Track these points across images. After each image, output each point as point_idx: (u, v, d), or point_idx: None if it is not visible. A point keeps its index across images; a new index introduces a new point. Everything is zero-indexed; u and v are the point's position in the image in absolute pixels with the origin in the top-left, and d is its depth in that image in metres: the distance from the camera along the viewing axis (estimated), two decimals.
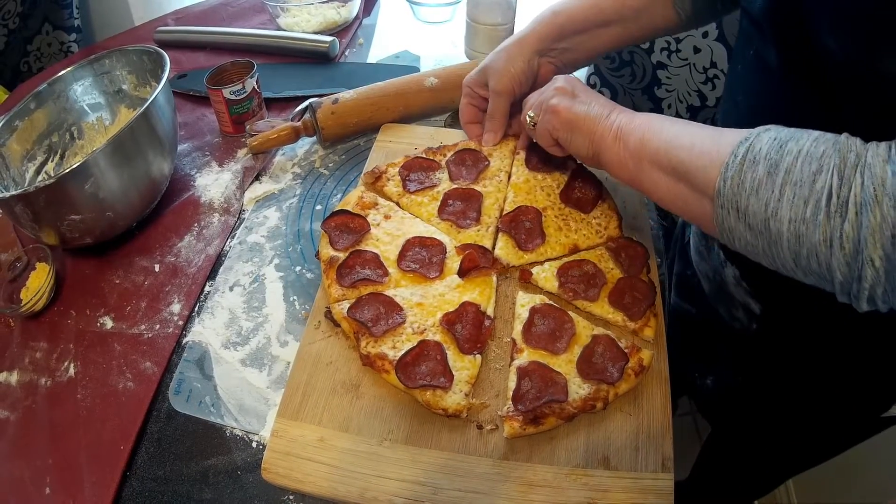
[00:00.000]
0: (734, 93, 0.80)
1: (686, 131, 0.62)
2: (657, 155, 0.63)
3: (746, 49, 0.74)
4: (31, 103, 0.93)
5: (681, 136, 0.61)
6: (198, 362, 0.76)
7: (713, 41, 1.34)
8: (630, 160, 0.67)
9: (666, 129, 0.64)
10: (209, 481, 0.66)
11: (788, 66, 0.65)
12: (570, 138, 0.74)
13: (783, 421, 0.98)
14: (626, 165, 0.68)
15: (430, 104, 1.07)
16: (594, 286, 0.76)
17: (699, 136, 0.59)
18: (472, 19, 1.20)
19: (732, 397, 1.06)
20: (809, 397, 0.88)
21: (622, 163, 0.68)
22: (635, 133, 0.66)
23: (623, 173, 0.69)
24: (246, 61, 1.08)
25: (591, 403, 0.66)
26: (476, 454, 0.64)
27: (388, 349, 0.69)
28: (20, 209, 0.78)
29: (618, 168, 0.69)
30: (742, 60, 0.77)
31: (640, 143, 0.65)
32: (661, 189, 0.64)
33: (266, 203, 0.96)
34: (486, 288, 0.76)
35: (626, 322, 0.73)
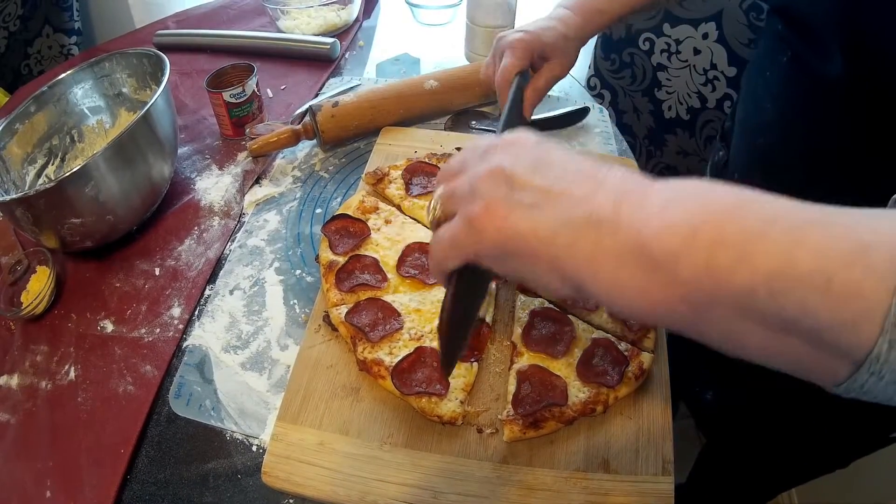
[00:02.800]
0: (760, 98, 0.77)
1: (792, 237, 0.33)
2: (748, 296, 0.33)
3: (779, 55, 0.71)
4: (31, 106, 0.94)
5: (789, 256, 0.33)
6: (198, 366, 0.76)
7: (713, 42, 1.34)
8: (673, 299, 0.36)
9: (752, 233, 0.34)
10: (209, 485, 0.66)
11: (854, 80, 0.61)
12: (506, 267, 0.43)
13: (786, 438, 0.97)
14: (666, 305, 0.37)
15: (431, 107, 1.07)
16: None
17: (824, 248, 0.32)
18: (471, 21, 1.20)
19: (733, 413, 1.05)
20: (815, 416, 0.87)
21: (653, 299, 0.37)
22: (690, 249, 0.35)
23: (653, 313, 0.38)
24: (246, 64, 1.08)
25: (590, 407, 0.66)
26: (476, 458, 0.64)
27: (384, 355, 0.69)
28: (21, 212, 0.78)
29: (639, 304, 0.38)
30: (773, 67, 0.73)
31: (704, 270, 0.34)
32: (748, 344, 0.36)
33: (266, 206, 0.96)
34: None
35: (624, 332, 0.73)
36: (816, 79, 0.64)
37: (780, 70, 0.72)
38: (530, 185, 0.40)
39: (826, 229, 0.33)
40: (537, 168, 0.41)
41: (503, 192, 0.41)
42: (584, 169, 0.41)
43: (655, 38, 1.44)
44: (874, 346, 0.31)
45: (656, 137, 1.59)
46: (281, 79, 1.24)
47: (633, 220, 0.37)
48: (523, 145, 0.44)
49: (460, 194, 0.44)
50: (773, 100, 0.74)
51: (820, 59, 0.64)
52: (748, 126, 0.91)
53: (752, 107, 0.82)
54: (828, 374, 0.35)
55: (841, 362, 0.33)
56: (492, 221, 0.40)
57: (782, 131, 0.78)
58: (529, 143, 0.44)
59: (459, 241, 0.43)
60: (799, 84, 0.69)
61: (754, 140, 0.90)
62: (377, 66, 1.29)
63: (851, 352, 0.32)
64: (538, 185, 0.40)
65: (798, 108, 0.70)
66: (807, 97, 0.69)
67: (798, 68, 0.68)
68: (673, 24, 1.40)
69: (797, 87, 0.70)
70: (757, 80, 0.82)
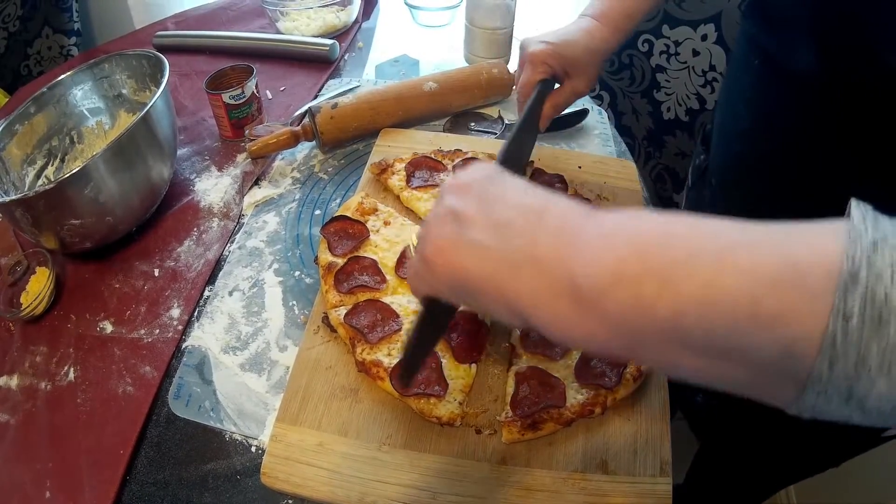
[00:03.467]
0: (735, 103, 0.77)
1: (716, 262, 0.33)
2: (676, 325, 0.34)
3: (751, 59, 0.72)
4: (30, 107, 0.94)
5: (712, 281, 0.33)
6: (197, 367, 0.76)
7: (712, 44, 1.35)
8: (605, 331, 0.37)
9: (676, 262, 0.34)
10: (209, 486, 0.66)
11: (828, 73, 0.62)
12: (467, 302, 0.46)
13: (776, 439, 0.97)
14: (601, 338, 0.38)
15: (430, 108, 1.08)
16: None
17: (750, 271, 0.32)
18: (471, 23, 1.21)
19: (723, 415, 1.05)
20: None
21: (587, 332, 0.38)
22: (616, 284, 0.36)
23: (590, 345, 0.39)
24: (245, 66, 1.08)
25: (589, 409, 0.66)
26: (474, 459, 0.64)
27: (383, 356, 0.70)
28: (20, 214, 0.78)
29: (575, 337, 0.39)
30: (746, 71, 0.74)
31: (631, 304, 0.35)
32: (685, 370, 0.36)
33: (265, 208, 0.96)
34: None
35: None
36: (789, 79, 0.65)
37: (752, 74, 0.72)
38: (477, 223, 0.43)
39: (754, 250, 0.32)
40: (483, 204, 0.44)
41: (452, 231, 0.43)
42: (528, 203, 0.43)
43: (654, 40, 1.45)
44: (813, 368, 0.30)
45: (655, 139, 1.59)
46: (280, 80, 1.24)
47: (566, 257, 0.38)
48: (473, 183, 0.46)
49: (422, 235, 0.47)
50: (746, 104, 0.75)
51: (792, 56, 0.64)
52: (725, 132, 0.92)
53: (729, 112, 0.82)
54: (774, 396, 0.34)
55: (784, 384, 0.33)
56: (441, 259, 0.43)
57: (757, 138, 0.78)
58: (479, 180, 0.46)
59: (419, 277, 0.47)
60: (771, 86, 0.70)
61: (731, 147, 0.90)
62: (376, 68, 1.29)
63: (791, 373, 0.32)
64: (483, 222, 0.43)
65: (771, 111, 0.70)
66: (779, 99, 0.69)
67: (770, 70, 0.68)
68: (672, 26, 1.40)
69: (770, 90, 0.70)
70: (732, 85, 0.82)
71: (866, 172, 0.67)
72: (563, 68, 0.85)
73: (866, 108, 0.60)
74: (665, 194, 1.64)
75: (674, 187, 1.61)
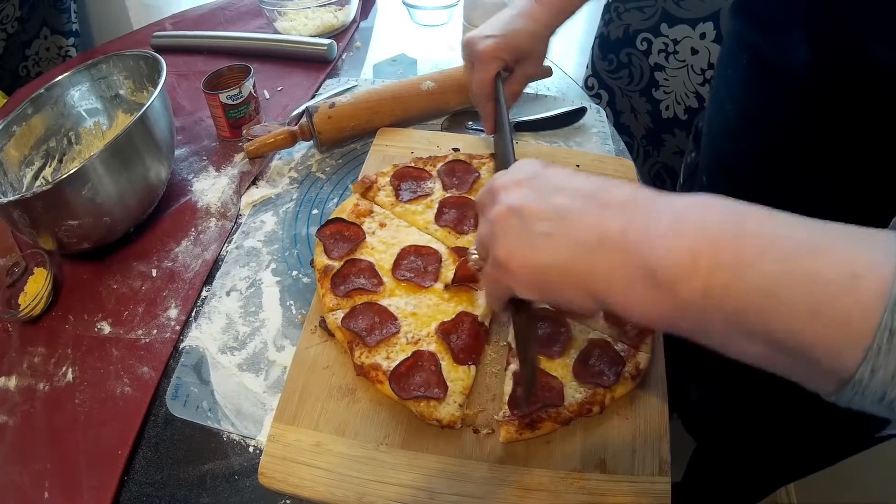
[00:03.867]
0: (723, 101, 0.78)
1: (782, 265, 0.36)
2: (740, 316, 0.37)
3: (740, 57, 0.72)
4: (28, 108, 0.94)
5: (777, 284, 0.35)
6: (195, 367, 0.76)
7: (710, 42, 1.35)
8: (677, 314, 0.40)
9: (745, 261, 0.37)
10: (206, 486, 0.66)
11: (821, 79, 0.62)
12: (546, 296, 0.47)
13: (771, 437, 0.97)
14: (673, 319, 0.41)
15: (428, 108, 1.07)
16: None
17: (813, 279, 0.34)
18: (468, 22, 1.21)
19: (718, 413, 1.05)
20: (795, 416, 0.87)
21: (660, 313, 0.41)
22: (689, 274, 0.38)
23: (661, 324, 0.42)
24: (243, 66, 1.08)
25: (587, 408, 0.66)
26: (473, 458, 0.64)
27: (381, 359, 0.69)
28: (18, 214, 0.78)
29: (648, 316, 0.42)
30: (734, 69, 0.74)
31: (701, 293, 0.38)
32: (743, 354, 0.39)
33: (263, 207, 0.96)
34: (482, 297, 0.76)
35: (621, 337, 0.72)
36: (776, 76, 0.65)
37: (740, 72, 0.72)
38: (541, 215, 0.44)
39: (818, 258, 0.35)
40: (543, 196, 0.45)
41: (519, 229, 0.45)
42: (589, 191, 0.44)
43: (653, 39, 1.44)
44: (856, 371, 0.33)
45: (654, 137, 1.59)
46: (278, 80, 1.24)
47: (638, 243, 0.40)
48: (523, 178, 0.47)
49: (485, 240, 0.48)
50: (733, 102, 0.75)
51: (781, 53, 0.64)
52: (714, 130, 0.92)
53: (717, 110, 0.83)
54: (818, 386, 0.37)
55: (828, 379, 0.35)
56: (516, 261, 0.45)
57: (744, 136, 0.78)
58: (529, 174, 0.47)
59: (497, 284, 0.48)
60: (758, 84, 0.70)
61: (720, 145, 0.90)
62: (374, 67, 1.29)
63: (836, 372, 0.35)
64: (548, 213, 0.44)
65: (758, 108, 0.71)
66: (767, 97, 0.69)
67: (758, 68, 0.69)
68: (670, 24, 1.40)
69: (757, 88, 0.70)
70: (720, 83, 0.82)
71: (853, 170, 0.67)
72: (513, 57, 0.86)
73: (854, 104, 0.60)
74: None
75: (672, 186, 1.61)
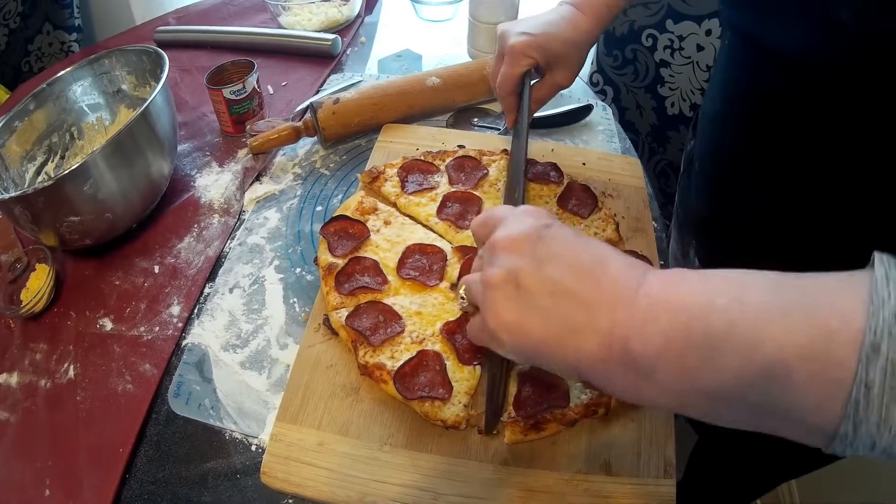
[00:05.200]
0: (711, 87, 0.78)
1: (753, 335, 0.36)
2: (718, 391, 0.38)
3: (724, 40, 0.73)
4: (30, 104, 0.93)
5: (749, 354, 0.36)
6: (197, 365, 0.75)
7: (716, 39, 1.33)
8: (657, 394, 0.41)
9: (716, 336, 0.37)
10: (208, 484, 0.66)
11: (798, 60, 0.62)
12: (531, 362, 0.52)
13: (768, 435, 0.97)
14: (654, 400, 0.42)
15: (433, 104, 1.07)
16: None
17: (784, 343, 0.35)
18: (474, 18, 1.20)
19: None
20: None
21: (640, 394, 0.42)
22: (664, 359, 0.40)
23: (643, 402, 0.44)
24: (246, 61, 1.07)
25: (592, 409, 0.65)
26: (477, 459, 0.64)
27: (386, 359, 0.69)
28: (19, 211, 0.77)
29: (630, 396, 0.44)
30: (720, 53, 0.75)
31: (677, 376, 0.39)
32: (727, 422, 0.41)
33: (266, 204, 0.95)
34: None
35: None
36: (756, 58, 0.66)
37: (723, 55, 0.73)
38: (537, 287, 0.44)
39: (788, 320, 0.35)
40: (542, 265, 0.45)
41: (513, 299, 0.45)
42: (586, 265, 0.45)
43: (658, 35, 1.43)
44: (839, 428, 0.33)
45: (659, 134, 1.58)
46: (282, 75, 1.24)
47: (622, 330, 0.41)
48: (525, 240, 0.47)
49: (477, 295, 0.49)
50: (718, 88, 0.75)
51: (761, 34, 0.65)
52: (703, 117, 0.92)
53: (707, 97, 0.83)
54: (809, 442, 0.37)
55: (814, 436, 0.36)
56: (507, 332, 0.46)
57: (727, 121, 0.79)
58: (532, 236, 0.47)
59: (483, 341, 0.50)
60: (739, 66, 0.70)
61: (708, 131, 0.90)
62: (379, 63, 1.28)
63: (820, 429, 0.35)
64: (545, 287, 0.44)
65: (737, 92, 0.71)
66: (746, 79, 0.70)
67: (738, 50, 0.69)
68: (676, 21, 1.39)
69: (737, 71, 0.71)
70: (713, 71, 0.83)
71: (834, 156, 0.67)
72: (545, 60, 0.83)
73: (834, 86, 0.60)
74: (669, 190, 1.63)
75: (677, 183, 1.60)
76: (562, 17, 0.84)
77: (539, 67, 0.85)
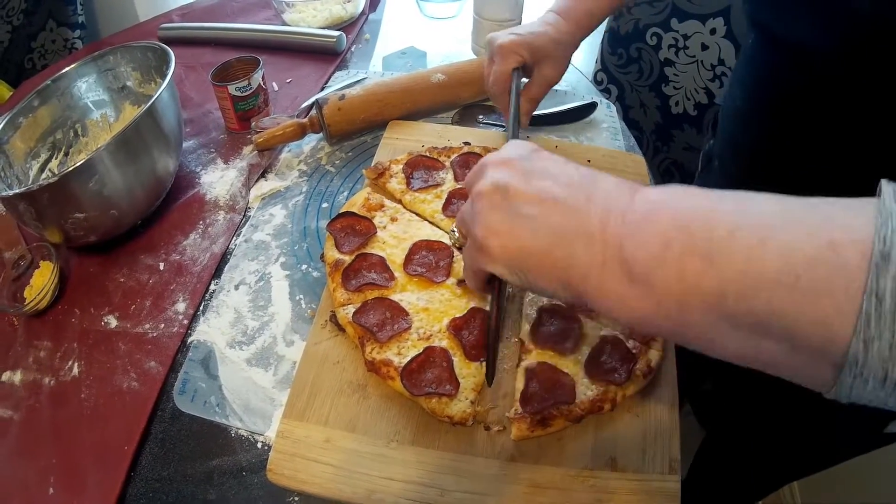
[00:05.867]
0: (732, 85, 0.79)
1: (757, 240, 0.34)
2: (718, 301, 0.36)
3: (745, 40, 0.73)
4: (34, 100, 0.93)
5: (753, 258, 0.34)
6: (203, 362, 0.75)
7: (721, 38, 1.33)
8: (653, 307, 0.39)
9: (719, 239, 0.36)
10: (214, 482, 0.66)
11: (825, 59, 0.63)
12: (523, 280, 0.46)
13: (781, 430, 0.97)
14: (650, 316, 0.40)
15: (438, 100, 1.07)
16: None
17: (789, 250, 0.33)
18: (478, 15, 1.19)
19: (730, 403, 1.05)
20: (809, 406, 0.86)
21: (636, 307, 0.40)
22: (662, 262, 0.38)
23: (637, 320, 0.41)
24: (251, 57, 1.07)
25: (598, 405, 0.65)
26: (483, 456, 0.64)
27: (393, 355, 0.68)
28: (24, 207, 0.77)
29: (624, 311, 0.41)
30: (744, 49, 0.75)
31: (676, 279, 0.37)
32: (728, 348, 0.38)
33: (272, 200, 0.95)
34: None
35: (632, 333, 0.71)
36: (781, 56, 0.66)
37: (746, 52, 0.73)
38: (525, 196, 0.44)
39: (793, 228, 0.34)
40: (530, 178, 0.44)
41: (501, 208, 0.44)
42: (575, 179, 0.44)
43: (663, 34, 1.43)
44: (849, 347, 0.31)
45: (663, 133, 1.58)
46: (286, 72, 1.23)
47: (616, 235, 0.40)
48: (515, 158, 0.47)
49: (468, 217, 0.48)
50: (740, 84, 0.76)
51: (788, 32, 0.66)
52: (724, 114, 0.93)
53: (728, 94, 0.84)
54: (813, 378, 0.35)
55: (821, 365, 0.33)
56: (496, 241, 0.44)
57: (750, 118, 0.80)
58: (521, 154, 0.47)
59: (475, 262, 0.48)
60: (763, 65, 0.71)
61: (729, 128, 0.91)
62: (383, 60, 1.28)
63: (828, 353, 0.32)
64: (533, 195, 0.43)
65: (763, 89, 0.71)
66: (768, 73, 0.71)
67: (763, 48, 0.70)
68: (680, 20, 1.38)
69: (760, 64, 0.72)
70: (735, 67, 0.83)
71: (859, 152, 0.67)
72: (532, 57, 0.87)
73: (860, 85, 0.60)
74: None
75: (682, 181, 1.60)
76: (545, 22, 0.90)
77: (527, 67, 0.89)
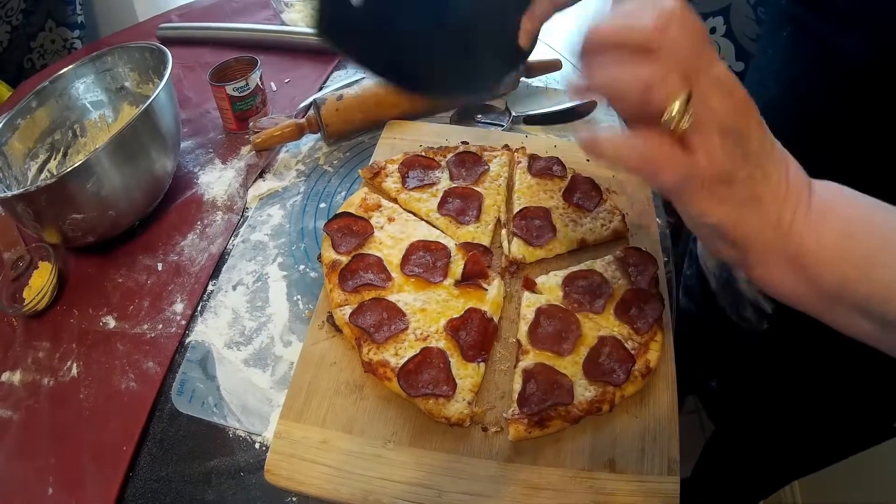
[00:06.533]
0: (764, 77, 0.77)
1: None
2: (865, 303, 0.44)
3: (779, 31, 0.72)
4: (32, 101, 0.93)
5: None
6: (200, 362, 0.75)
7: (721, 37, 1.33)
8: (812, 294, 0.47)
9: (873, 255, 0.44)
10: (212, 482, 0.66)
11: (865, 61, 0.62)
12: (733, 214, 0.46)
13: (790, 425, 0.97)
14: (801, 297, 0.47)
15: (436, 100, 1.06)
16: (600, 297, 0.74)
17: None
18: None
19: (738, 399, 1.05)
20: (819, 401, 0.86)
21: (796, 291, 0.47)
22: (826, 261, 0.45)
23: (792, 301, 0.48)
24: (249, 57, 1.07)
25: (596, 406, 0.65)
26: (481, 457, 0.64)
27: (390, 356, 0.68)
28: (22, 208, 0.77)
29: (784, 292, 0.48)
30: (773, 44, 0.74)
31: (839, 283, 0.44)
32: (861, 333, 0.46)
33: (270, 201, 0.95)
34: (493, 293, 0.75)
35: (631, 335, 0.71)
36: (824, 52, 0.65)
37: (779, 46, 0.72)
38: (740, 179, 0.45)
39: None
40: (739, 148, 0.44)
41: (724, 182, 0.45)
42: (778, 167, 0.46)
43: None
44: None
45: None
46: (285, 72, 1.23)
47: (799, 230, 0.45)
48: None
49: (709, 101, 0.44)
50: (775, 78, 0.75)
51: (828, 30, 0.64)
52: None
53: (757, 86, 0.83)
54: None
55: None
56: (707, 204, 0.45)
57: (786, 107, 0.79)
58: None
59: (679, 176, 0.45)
60: (802, 59, 0.69)
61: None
62: None
63: None
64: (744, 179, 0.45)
65: (801, 83, 0.70)
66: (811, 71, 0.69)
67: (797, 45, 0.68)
68: None
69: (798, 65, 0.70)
70: (760, 62, 0.82)
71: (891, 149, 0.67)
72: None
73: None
74: None
75: None
76: None
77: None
